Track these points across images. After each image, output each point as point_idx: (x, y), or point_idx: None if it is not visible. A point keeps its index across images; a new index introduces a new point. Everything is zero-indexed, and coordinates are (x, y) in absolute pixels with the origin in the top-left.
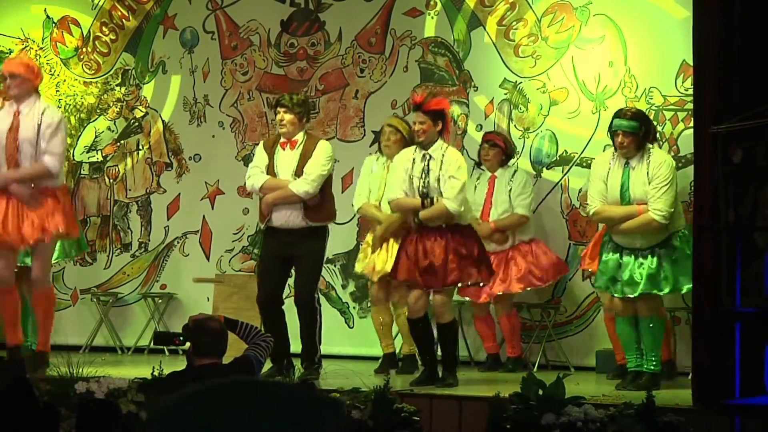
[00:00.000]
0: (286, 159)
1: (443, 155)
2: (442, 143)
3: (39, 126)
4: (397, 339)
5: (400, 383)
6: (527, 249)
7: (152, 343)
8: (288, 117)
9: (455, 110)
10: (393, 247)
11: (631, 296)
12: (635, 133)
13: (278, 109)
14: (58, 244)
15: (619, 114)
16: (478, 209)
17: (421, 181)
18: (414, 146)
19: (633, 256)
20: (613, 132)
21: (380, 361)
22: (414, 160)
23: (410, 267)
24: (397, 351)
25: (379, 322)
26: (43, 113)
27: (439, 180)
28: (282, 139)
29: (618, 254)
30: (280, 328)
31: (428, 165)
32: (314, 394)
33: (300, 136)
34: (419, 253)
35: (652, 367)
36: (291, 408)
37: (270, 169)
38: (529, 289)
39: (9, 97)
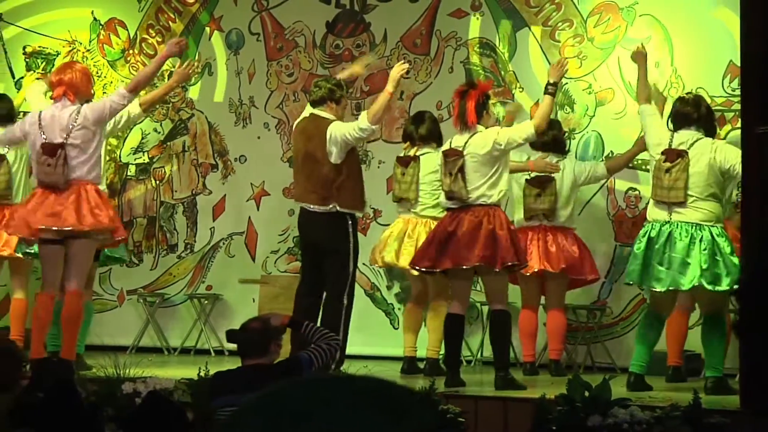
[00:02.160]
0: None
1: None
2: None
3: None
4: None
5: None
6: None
7: (228, 340)
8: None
9: (500, 111)
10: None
11: None
12: None
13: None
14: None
15: None
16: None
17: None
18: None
19: None
20: None
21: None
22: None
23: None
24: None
25: (409, 322)
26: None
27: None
28: None
29: None
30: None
31: None
32: (404, 388)
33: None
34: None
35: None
36: (380, 404)
37: None
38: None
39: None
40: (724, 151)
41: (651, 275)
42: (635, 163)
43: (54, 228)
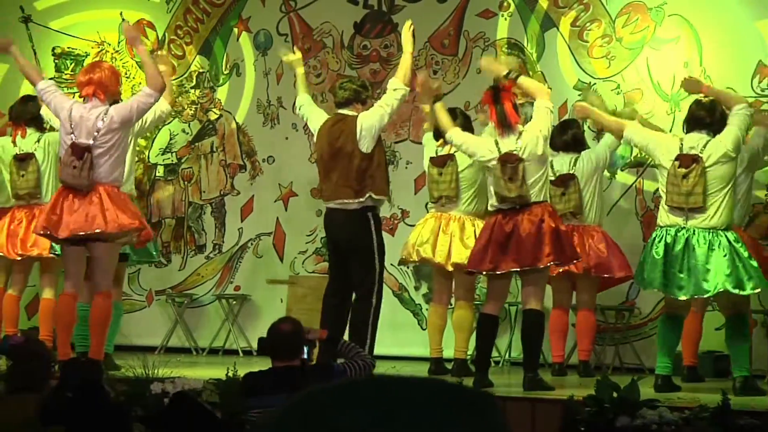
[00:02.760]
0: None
1: None
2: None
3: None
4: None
5: None
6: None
7: (256, 353)
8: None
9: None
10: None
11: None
12: None
13: None
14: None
15: None
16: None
17: None
18: None
19: None
20: None
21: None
22: None
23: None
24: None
25: (433, 322)
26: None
27: None
28: None
29: None
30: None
31: None
32: (460, 387)
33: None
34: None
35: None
36: (438, 404)
37: None
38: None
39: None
40: (724, 136)
41: (673, 283)
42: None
43: (81, 233)
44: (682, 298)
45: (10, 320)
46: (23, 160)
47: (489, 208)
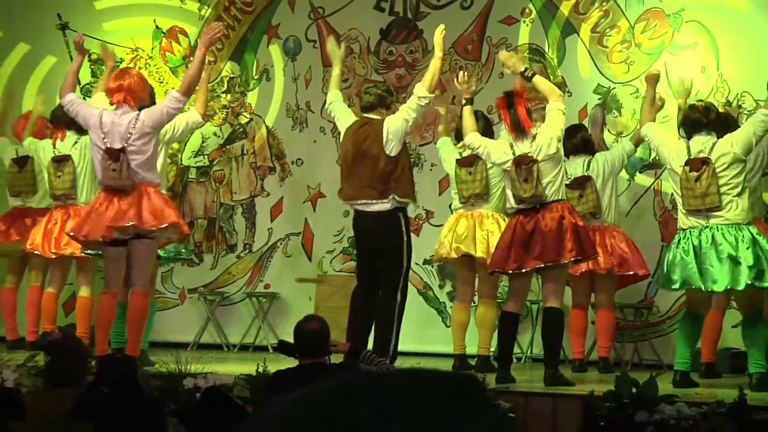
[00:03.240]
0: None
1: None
2: None
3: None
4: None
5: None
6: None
7: (274, 350)
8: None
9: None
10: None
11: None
12: None
13: None
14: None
15: None
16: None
17: None
18: None
19: None
20: None
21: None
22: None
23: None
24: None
25: (457, 320)
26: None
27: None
28: None
29: None
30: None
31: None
32: (444, 374)
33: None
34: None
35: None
36: (454, 394)
37: None
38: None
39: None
40: (735, 137)
41: (707, 278)
42: None
43: (129, 227)
44: (718, 290)
45: (49, 317)
46: (60, 161)
47: (508, 210)
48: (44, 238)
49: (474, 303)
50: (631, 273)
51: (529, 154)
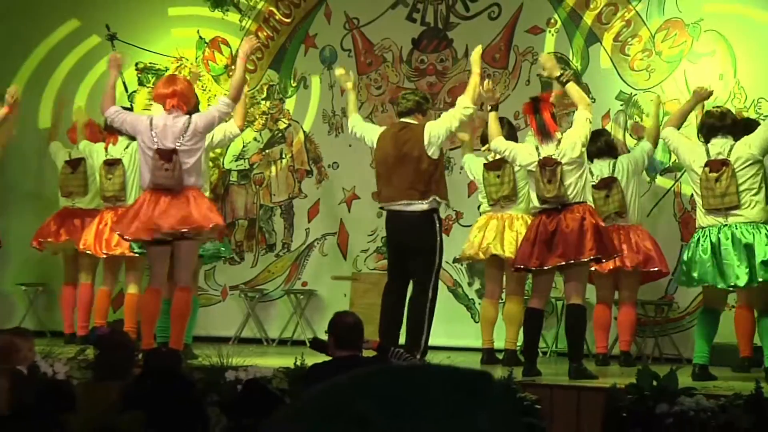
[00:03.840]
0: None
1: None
2: None
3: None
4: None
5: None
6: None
7: (309, 346)
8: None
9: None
10: (494, 230)
11: None
12: None
13: None
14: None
15: None
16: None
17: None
18: None
19: None
20: None
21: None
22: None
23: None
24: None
25: (485, 315)
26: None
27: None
28: None
29: None
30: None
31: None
32: (457, 370)
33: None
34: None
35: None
36: (464, 387)
37: None
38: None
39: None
40: (752, 139)
41: (728, 275)
42: None
43: (181, 229)
44: (741, 285)
45: (100, 313)
46: (112, 164)
47: (531, 210)
48: (96, 239)
49: (502, 300)
50: (656, 270)
51: (554, 157)
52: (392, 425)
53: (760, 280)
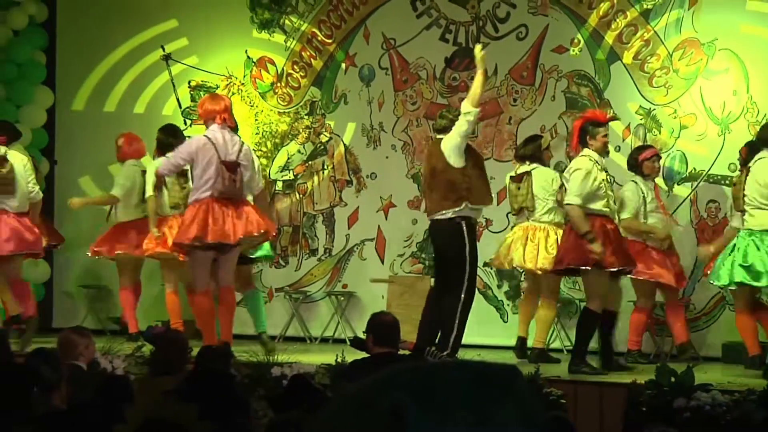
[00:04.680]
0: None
1: (571, 172)
2: (575, 158)
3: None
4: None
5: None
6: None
7: (350, 344)
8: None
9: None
10: (529, 242)
11: None
12: None
13: None
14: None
15: None
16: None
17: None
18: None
19: None
20: None
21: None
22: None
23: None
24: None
25: (524, 311)
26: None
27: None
28: None
29: None
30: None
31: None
32: (486, 364)
33: None
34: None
35: None
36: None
37: None
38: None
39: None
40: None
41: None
42: (714, 178)
43: (252, 234)
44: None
45: (175, 313)
46: (184, 175)
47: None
48: (162, 244)
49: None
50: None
51: None
52: (424, 415)
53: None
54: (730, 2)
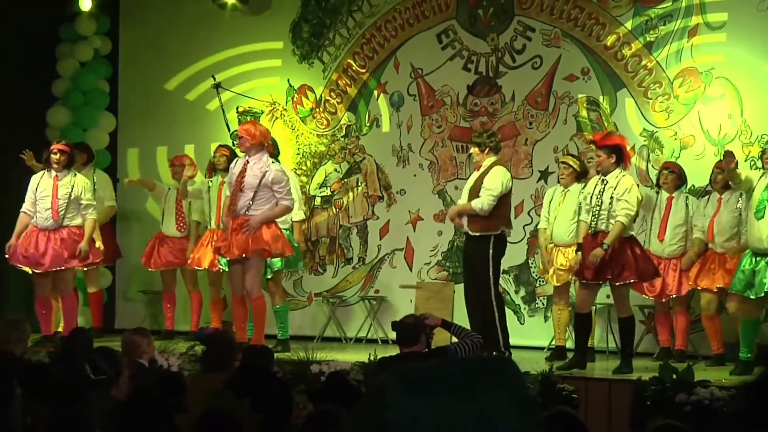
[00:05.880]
0: (470, 179)
1: (618, 181)
2: (619, 171)
3: (261, 179)
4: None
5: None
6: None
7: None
8: (473, 149)
9: None
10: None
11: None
12: None
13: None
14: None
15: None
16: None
17: (596, 198)
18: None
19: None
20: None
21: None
22: (596, 184)
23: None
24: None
25: (557, 318)
26: (265, 172)
27: (612, 199)
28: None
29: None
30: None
31: (604, 187)
32: (484, 358)
33: (486, 162)
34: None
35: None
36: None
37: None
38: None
39: (241, 150)
40: None
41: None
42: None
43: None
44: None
45: (217, 317)
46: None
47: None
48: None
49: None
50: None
51: None
52: (405, 395)
53: None
54: (725, 35)
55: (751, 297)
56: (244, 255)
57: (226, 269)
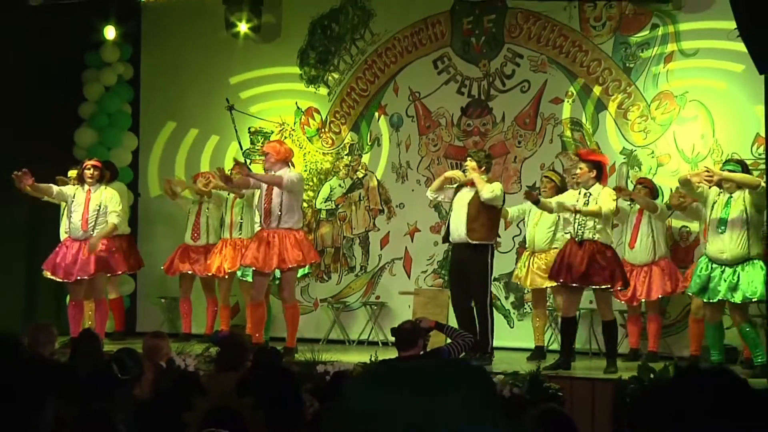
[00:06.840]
0: (463, 193)
1: (599, 193)
2: (599, 186)
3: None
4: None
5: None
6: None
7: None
8: (470, 163)
9: None
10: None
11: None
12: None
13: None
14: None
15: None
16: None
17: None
18: (580, 188)
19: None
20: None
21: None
22: (578, 197)
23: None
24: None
25: (535, 324)
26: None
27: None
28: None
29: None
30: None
31: (587, 199)
32: (456, 362)
33: (479, 180)
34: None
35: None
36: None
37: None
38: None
39: (266, 167)
40: None
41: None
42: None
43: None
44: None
45: (226, 321)
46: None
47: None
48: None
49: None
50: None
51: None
52: (359, 389)
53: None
54: (699, 61)
55: (704, 300)
56: (281, 269)
57: (243, 278)
